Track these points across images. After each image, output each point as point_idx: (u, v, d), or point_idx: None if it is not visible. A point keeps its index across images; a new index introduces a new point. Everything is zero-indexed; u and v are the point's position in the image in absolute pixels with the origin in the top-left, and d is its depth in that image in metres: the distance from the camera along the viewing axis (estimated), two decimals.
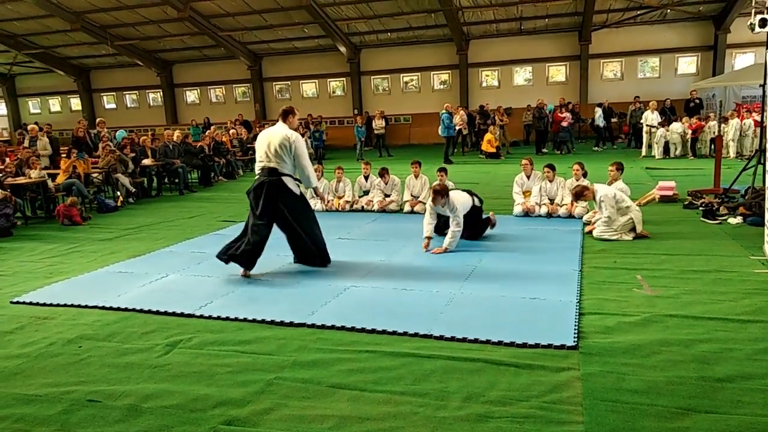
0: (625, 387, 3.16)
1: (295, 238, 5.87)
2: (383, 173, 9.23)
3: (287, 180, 5.60)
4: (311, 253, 5.91)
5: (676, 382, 3.19)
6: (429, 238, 6.48)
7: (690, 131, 15.05)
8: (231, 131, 16.94)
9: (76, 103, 28.51)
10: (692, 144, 15.13)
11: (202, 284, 5.46)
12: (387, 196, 9.17)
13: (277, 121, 5.84)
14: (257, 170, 5.71)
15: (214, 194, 12.20)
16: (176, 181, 12.57)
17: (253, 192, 5.68)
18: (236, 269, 5.88)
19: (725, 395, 3.04)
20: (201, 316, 4.56)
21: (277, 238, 7.27)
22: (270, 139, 5.61)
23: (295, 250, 6.00)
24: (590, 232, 6.83)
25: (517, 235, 7.06)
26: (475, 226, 6.94)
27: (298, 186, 5.78)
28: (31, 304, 5.07)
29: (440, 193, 6.44)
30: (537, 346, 3.73)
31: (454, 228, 6.41)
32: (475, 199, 6.99)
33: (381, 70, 24.30)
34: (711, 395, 3.05)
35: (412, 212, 8.75)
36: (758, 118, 12.50)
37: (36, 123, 23.10)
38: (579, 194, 7.11)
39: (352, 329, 4.16)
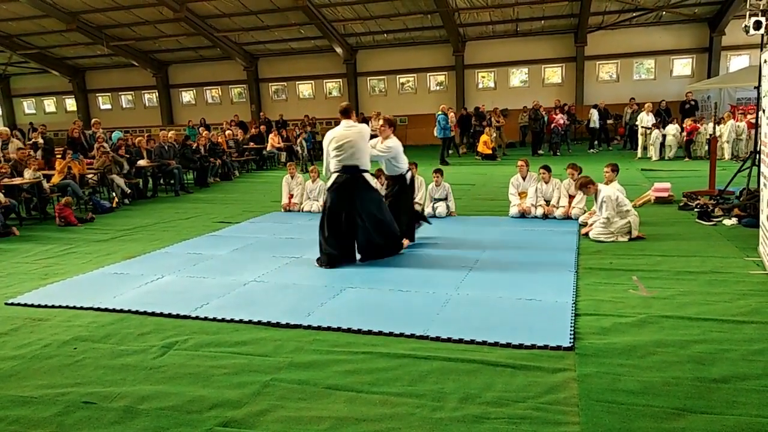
0: (621, 388, 3.17)
1: (365, 234, 6.01)
2: (379, 174, 9.21)
3: (366, 175, 5.99)
4: (378, 247, 6.13)
5: (672, 383, 3.20)
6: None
7: (685, 133, 15.12)
8: (227, 132, 16.92)
9: (71, 103, 28.44)
10: (687, 146, 15.20)
11: (198, 285, 5.45)
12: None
13: (340, 121, 6.09)
14: (334, 168, 5.97)
15: (209, 195, 12.17)
16: (172, 182, 12.53)
17: (332, 189, 6.00)
18: (232, 272, 5.89)
19: (720, 396, 3.05)
20: (197, 318, 4.55)
21: (273, 239, 7.28)
22: (344, 137, 5.90)
23: (361, 246, 6.11)
24: (586, 234, 6.84)
25: (513, 237, 7.07)
26: (400, 209, 6.65)
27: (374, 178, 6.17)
28: (26, 305, 5.05)
29: (390, 122, 6.77)
30: (533, 347, 3.74)
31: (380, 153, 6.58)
32: (409, 173, 6.89)
33: (377, 72, 24.32)
34: (706, 396, 3.06)
35: None
36: (753, 120, 12.55)
37: (31, 123, 23.07)
38: (584, 185, 6.99)
39: (349, 330, 4.16)
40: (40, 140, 13.09)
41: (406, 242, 6.62)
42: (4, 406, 3.26)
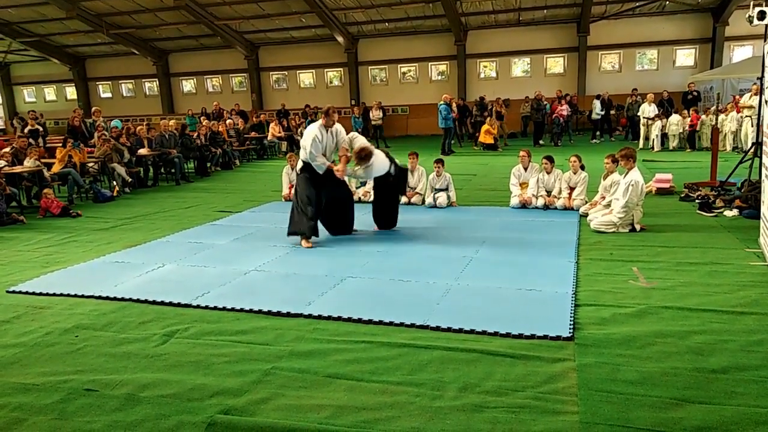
0: (620, 378, 3.18)
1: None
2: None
3: None
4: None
5: (671, 373, 3.21)
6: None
7: (688, 124, 15.08)
8: (228, 121, 16.88)
9: (71, 91, 28.37)
10: (689, 136, 15.17)
11: (199, 274, 5.46)
12: None
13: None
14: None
15: (210, 184, 12.17)
16: (172, 171, 12.52)
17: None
18: (233, 261, 5.90)
19: (719, 386, 3.06)
20: (198, 306, 4.57)
21: (273, 228, 7.28)
22: None
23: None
24: (586, 214, 7.07)
25: (513, 227, 7.07)
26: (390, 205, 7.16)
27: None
28: (27, 293, 5.07)
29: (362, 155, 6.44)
30: (533, 337, 3.75)
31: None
32: (392, 167, 6.88)
33: (378, 61, 24.21)
34: (705, 386, 3.07)
35: (409, 203, 8.74)
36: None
37: (34, 111, 23.04)
38: (628, 156, 6.74)
39: (349, 320, 4.17)
40: (37, 127, 12.98)
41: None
42: (6, 393, 3.28)
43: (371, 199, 8.92)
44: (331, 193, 6.55)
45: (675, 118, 15.23)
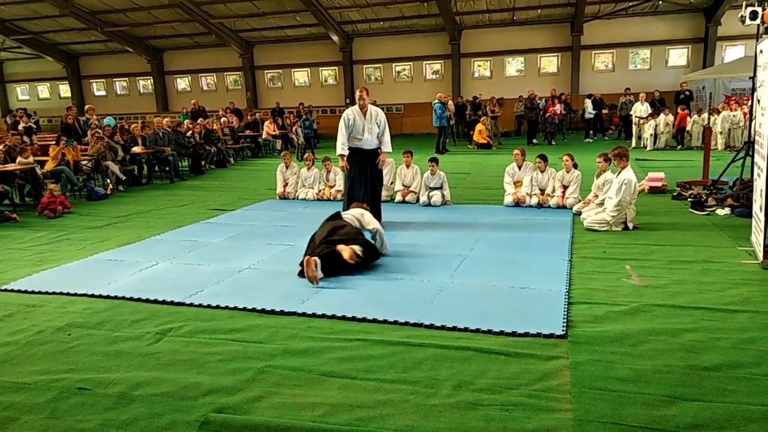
0: (613, 375, 3.19)
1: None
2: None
3: None
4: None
5: (664, 371, 3.22)
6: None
7: (676, 122, 15.19)
8: (222, 119, 16.83)
9: (65, 89, 28.24)
10: (679, 134, 15.28)
11: (192, 272, 5.44)
12: None
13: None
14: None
15: (204, 182, 12.14)
16: (167, 169, 12.48)
17: None
18: (227, 259, 5.89)
19: (711, 384, 3.08)
20: (191, 305, 4.55)
21: (268, 227, 7.27)
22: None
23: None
24: (579, 212, 7.12)
25: (507, 225, 7.08)
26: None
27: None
28: (19, 291, 5.04)
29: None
30: (526, 335, 3.75)
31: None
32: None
33: (373, 59, 24.21)
34: (697, 384, 3.08)
35: (403, 202, 8.75)
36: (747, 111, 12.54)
37: (24, 109, 22.91)
38: (621, 155, 6.77)
39: (343, 318, 4.16)
40: (30, 124, 12.94)
41: None
42: None
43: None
44: (369, 183, 6.97)
45: (663, 117, 15.33)
